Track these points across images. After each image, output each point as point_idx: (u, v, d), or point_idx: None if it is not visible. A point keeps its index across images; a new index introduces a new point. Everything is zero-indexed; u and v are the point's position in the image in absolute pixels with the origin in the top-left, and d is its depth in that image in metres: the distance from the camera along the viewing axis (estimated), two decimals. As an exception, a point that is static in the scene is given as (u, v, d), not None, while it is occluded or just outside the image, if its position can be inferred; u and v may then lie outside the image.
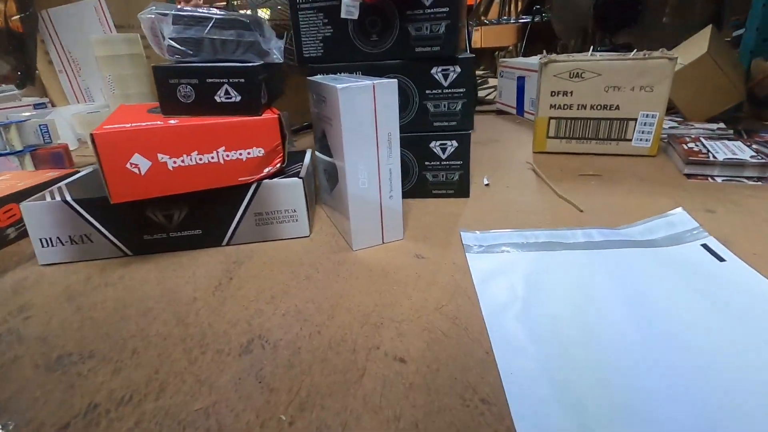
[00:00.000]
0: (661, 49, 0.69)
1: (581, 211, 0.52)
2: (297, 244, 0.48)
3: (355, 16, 0.49)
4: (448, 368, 0.28)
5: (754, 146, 0.63)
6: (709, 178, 0.60)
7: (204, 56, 0.43)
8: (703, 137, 0.71)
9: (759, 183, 0.57)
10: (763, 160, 0.57)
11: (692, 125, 0.85)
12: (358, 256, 0.44)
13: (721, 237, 0.43)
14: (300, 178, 0.47)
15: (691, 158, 0.61)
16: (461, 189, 0.58)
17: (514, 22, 2.39)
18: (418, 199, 0.59)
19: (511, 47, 2.42)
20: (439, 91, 0.54)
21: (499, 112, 1.18)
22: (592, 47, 0.87)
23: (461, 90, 0.53)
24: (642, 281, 0.36)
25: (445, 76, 0.53)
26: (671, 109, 0.96)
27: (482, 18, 2.33)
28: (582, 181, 0.63)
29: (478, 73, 1.47)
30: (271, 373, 0.29)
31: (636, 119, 0.70)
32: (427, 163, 0.57)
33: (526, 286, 0.37)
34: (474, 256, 0.42)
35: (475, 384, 0.27)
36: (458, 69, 0.52)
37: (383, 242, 0.46)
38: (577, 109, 0.73)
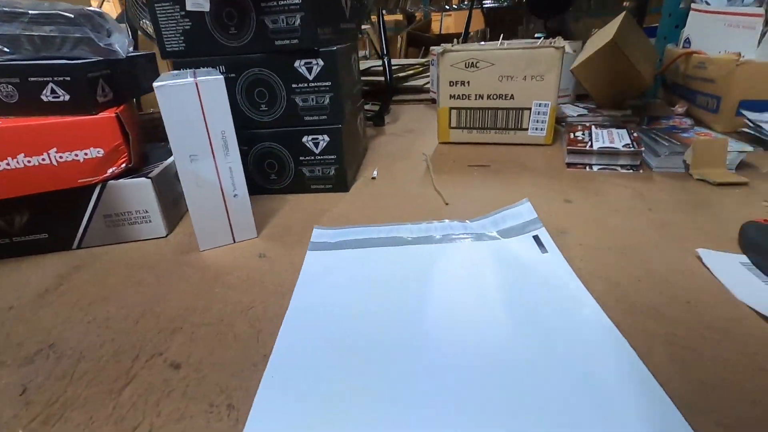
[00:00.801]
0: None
1: (447, 203, 0.52)
2: (151, 245, 0.47)
3: (206, 8, 0.48)
4: (217, 374, 0.28)
5: (635, 134, 0.64)
6: (587, 167, 0.61)
7: (25, 54, 0.41)
8: (596, 125, 0.72)
9: (630, 171, 0.59)
10: (634, 149, 0.58)
11: (600, 113, 0.86)
12: (203, 256, 0.43)
13: (561, 227, 0.44)
14: (149, 178, 0.46)
15: (570, 147, 0.62)
16: (339, 183, 0.58)
17: (477, 7, 2.38)
18: (297, 194, 0.58)
19: (471, 33, 2.41)
20: (305, 84, 0.53)
21: (433, 101, 1.18)
22: (501, 35, 0.87)
23: (327, 84, 0.52)
24: (458, 275, 0.37)
25: (309, 70, 0.52)
26: (586, 97, 0.98)
27: (444, 3, 2.31)
28: (467, 172, 0.63)
29: (419, 61, 1.45)
30: (39, 385, 0.28)
31: (530, 108, 0.71)
32: (301, 158, 0.56)
33: (343, 285, 0.37)
34: (313, 254, 0.42)
35: (232, 389, 0.27)
36: (321, 62, 0.51)
37: (234, 241, 0.46)
38: (475, 99, 0.73)
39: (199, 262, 0.42)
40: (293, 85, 0.53)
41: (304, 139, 0.55)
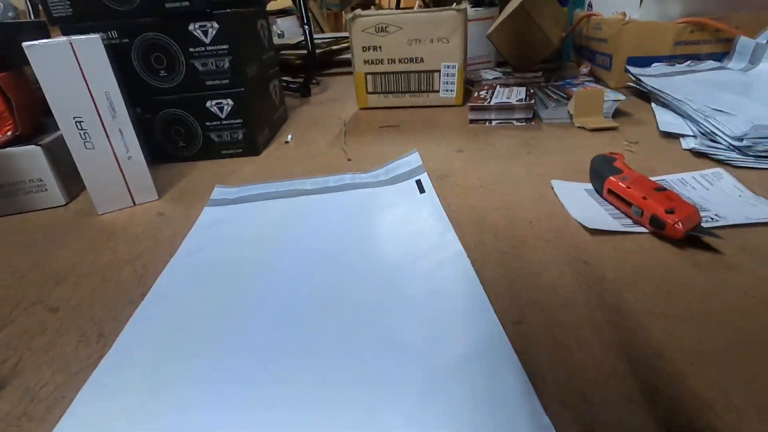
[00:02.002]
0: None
1: (349, 159, 0.55)
2: (49, 213, 0.47)
3: (87, -29, 0.47)
4: (93, 311, 0.30)
5: (531, 90, 0.69)
6: (487, 122, 0.65)
7: None
8: (501, 85, 0.76)
9: (524, 123, 0.64)
10: (526, 103, 0.63)
11: (514, 75, 0.91)
12: (101, 219, 0.44)
13: (446, 172, 0.48)
14: (39, 145, 0.45)
15: (471, 104, 0.66)
16: (249, 147, 0.59)
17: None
18: (208, 160, 0.59)
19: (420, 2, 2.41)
20: (203, 48, 0.53)
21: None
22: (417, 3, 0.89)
23: (224, 47, 0.53)
24: (341, 219, 0.40)
25: (205, 33, 0.52)
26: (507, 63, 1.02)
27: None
28: (377, 132, 0.66)
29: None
30: None
31: (439, 71, 0.74)
32: (208, 123, 0.57)
33: (229, 233, 0.39)
34: (210, 209, 0.44)
35: (104, 322, 0.29)
36: (216, 25, 0.52)
37: (134, 204, 0.47)
38: (388, 63, 0.75)
39: (96, 224, 0.43)
40: (190, 50, 0.53)
41: (208, 104, 0.56)
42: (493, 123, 0.65)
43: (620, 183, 0.36)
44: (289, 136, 0.66)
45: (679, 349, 0.23)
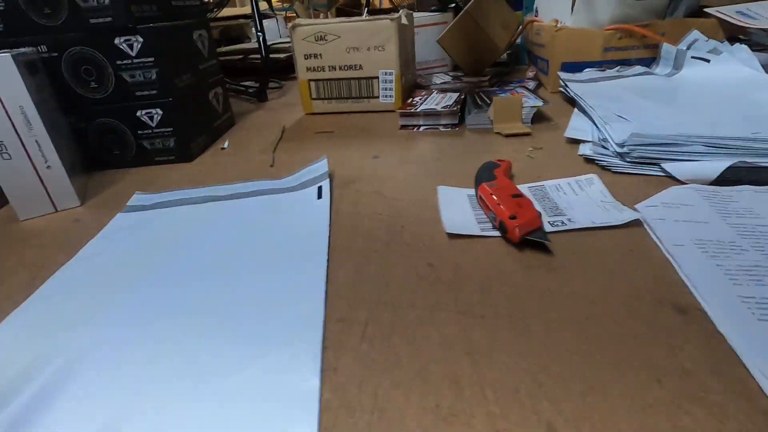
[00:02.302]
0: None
1: (271, 166, 0.58)
2: (-22, 219, 0.50)
3: (11, -10, 0.50)
4: (-20, 311, 0.33)
5: (462, 96, 0.72)
6: (415, 128, 0.68)
7: None
8: (438, 90, 0.79)
9: (449, 129, 0.66)
10: (450, 109, 0.66)
11: (461, 80, 0.94)
12: (21, 224, 0.47)
13: (353, 178, 0.51)
14: (-35, 155, 0.48)
15: (401, 111, 0.68)
16: (182, 154, 0.62)
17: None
18: (143, 167, 0.62)
19: (406, 3, 2.43)
20: (130, 61, 0.56)
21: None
22: (365, 7, 0.92)
23: (150, 59, 0.56)
24: (242, 223, 0.42)
25: (130, 46, 0.55)
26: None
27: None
28: (313, 138, 0.68)
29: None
30: None
31: (378, 77, 0.77)
32: (140, 131, 0.60)
33: (131, 238, 0.42)
34: (123, 215, 0.46)
35: (-15, 321, 0.32)
36: (140, 39, 0.55)
37: (56, 210, 0.49)
38: (329, 70, 0.78)
39: (15, 229, 0.46)
40: (118, 62, 0.56)
41: (139, 113, 0.59)
42: (421, 129, 0.67)
43: (488, 189, 0.39)
44: (226, 143, 0.69)
45: (471, 341, 0.25)
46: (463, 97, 0.72)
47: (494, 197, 0.37)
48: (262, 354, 0.26)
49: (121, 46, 0.55)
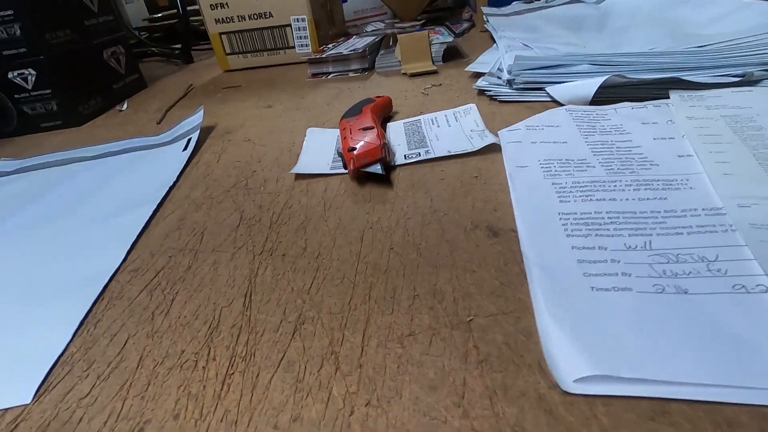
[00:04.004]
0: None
1: (158, 123, 0.54)
2: None
3: None
4: None
5: (378, 39, 0.67)
6: (324, 76, 0.64)
7: None
8: (358, 36, 0.74)
9: (358, 74, 0.62)
10: (359, 53, 0.61)
11: (394, 26, 0.88)
12: None
13: (232, 128, 0.47)
14: None
15: (309, 58, 0.64)
16: (69, 117, 0.57)
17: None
18: (30, 135, 0.58)
19: None
20: (-13, 16, 0.51)
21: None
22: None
23: (9, 12, 0.51)
24: (105, 184, 0.39)
25: (-16, -1, 0.50)
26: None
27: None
28: (217, 94, 0.64)
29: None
30: None
31: (290, 25, 0.72)
32: (16, 96, 0.55)
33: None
34: (-21, 182, 0.43)
35: None
36: (-7, -10, 0.50)
37: None
38: (238, 20, 0.72)
39: None
40: (-26, 19, 0.51)
41: (10, 75, 0.54)
42: (331, 76, 0.63)
43: (344, 124, 0.36)
44: (125, 105, 0.64)
45: (256, 282, 0.23)
46: (378, 40, 0.67)
47: (345, 131, 0.34)
48: (23, 311, 0.24)
49: (-27, 0, 0.50)
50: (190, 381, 0.18)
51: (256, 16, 0.72)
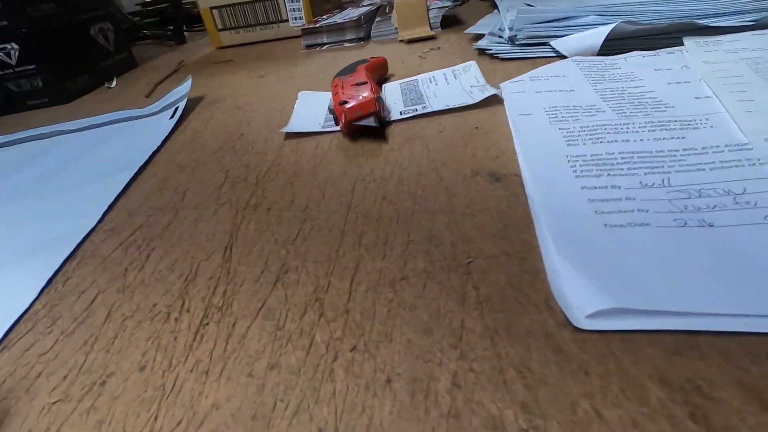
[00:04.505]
0: None
1: (147, 96, 0.52)
2: None
3: None
4: None
5: (373, 8, 0.64)
6: (319, 47, 0.61)
7: None
8: (353, 7, 0.71)
9: (354, 44, 0.59)
10: (355, 21, 0.59)
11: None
12: None
13: (222, 97, 0.45)
14: None
15: (303, 28, 0.61)
16: (56, 95, 0.56)
17: None
18: (17, 114, 0.56)
19: None
20: (-35, -13, 0.49)
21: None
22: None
23: (-12, -17, 0.49)
24: (76, 154, 0.37)
25: (-39, -31, 0.48)
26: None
27: None
28: (209, 69, 0.62)
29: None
30: None
31: (283, -3, 0.69)
32: (0, 72, 0.54)
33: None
34: (-40, 157, 0.42)
35: None
36: (-31, -41, 0.47)
37: None
38: (230, -6, 0.70)
39: None
40: (-48, -10, 0.49)
41: (-7, 50, 0.52)
42: (326, 47, 0.61)
43: (336, 81, 0.34)
44: (114, 82, 0.62)
45: (237, 236, 0.21)
46: (374, 9, 0.64)
47: (337, 87, 0.32)
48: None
49: (-51, -30, 0.48)
50: (160, 333, 0.16)
51: (247, -11, 0.69)
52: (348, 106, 0.29)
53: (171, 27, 0.90)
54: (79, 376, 0.15)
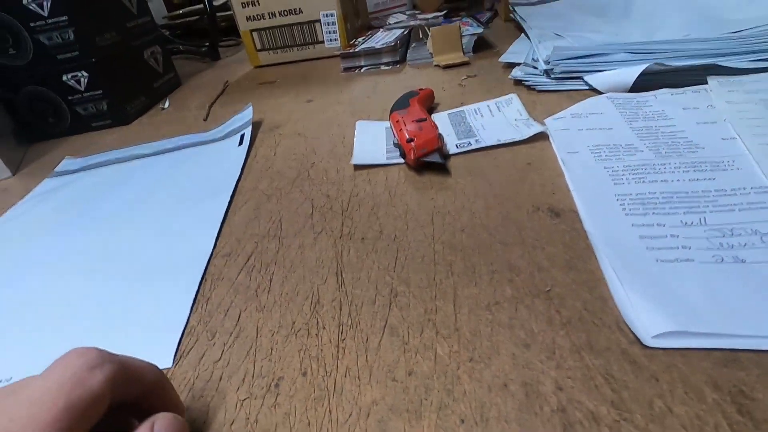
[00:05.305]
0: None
1: (204, 120, 0.57)
2: None
3: None
4: None
5: (406, 32, 0.68)
6: (357, 70, 0.66)
7: None
8: (384, 29, 0.75)
9: (390, 67, 0.64)
10: (391, 46, 0.63)
11: (416, 17, 0.89)
12: (-46, 199, 0.47)
13: (279, 123, 0.49)
14: None
15: (341, 52, 0.66)
16: (117, 117, 0.61)
17: None
18: (81, 134, 0.61)
19: None
20: (43, 22, 0.54)
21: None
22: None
23: (64, 18, 0.53)
24: (163, 178, 0.42)
25: (40, 5, 0.53)
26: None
27: None
28: (254, 90, 0.66)
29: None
30: None
31: (319, 20, 0.74)
32: (70, 97, 0.59)
33: (51, 202, 0.42)
34: (48, 180, 0.46)
35: None
36: (49, -3, 0.52)
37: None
38: (269, 17, 0.74)
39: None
40: (32, 24, 0.54)
41: (65, 77, 0.57)
42: (363, 70, 0.65)
43: (396, 117, 0.38)
44: (167, 103, 0.67)
45: (343, 262, 0.25)
46: (407, 33, 0.69)
47: (400, 124, 0.36)
48: (144, 287, 0.27)
49: (30, 6, 0.53)
50: (307, 346, 0.20)
51: (285, 13, 0.74)
52: (415, 143, 0.33)
53: (207, 43, 0.95)
54: (255, 379, 0.19)
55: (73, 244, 0.34)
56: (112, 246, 0.32)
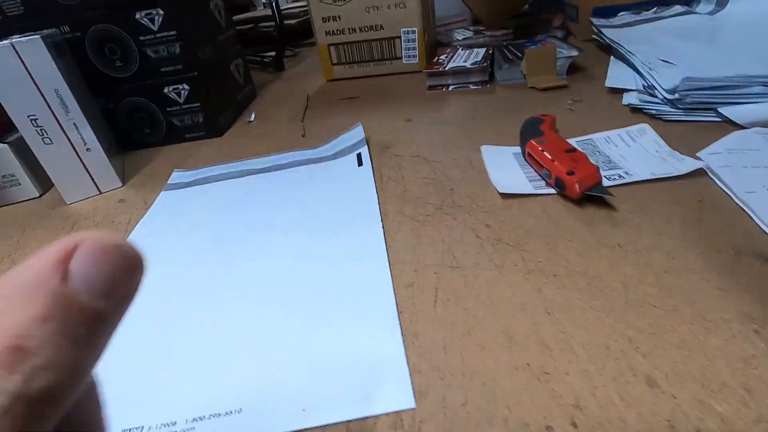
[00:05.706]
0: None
1: (303, 135, 0.57)
2: (24, 205, 0.50)
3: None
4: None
5: (490, 51, 0.69)
6: (444, 88, 0.66)
7: None
8: (462, 47, 0.76)
9: (479, 86, 0.64)
10: (480, 65, 0.63)
11: (484, 33, 0.90)
12: (69, 208, 0.48)
13: (389, 143, 0.49)
14: (6, 143, 0.48)
15: (428, 71, 0.66)
16: (211, 129, 0.61)
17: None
18: (174, 144, 0.62)
19: None
20: (152, 36, 0.54)
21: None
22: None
23: (173, 33, 0.54)
24: (284, 197, 0.42)
25: (152, 20, 0.54)
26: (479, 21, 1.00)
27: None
28: (338, 105, 0.67)
29: None
30: None
31: (400, 37, 0.74)
32: (168, 109, 0.59)
33: (181, 216, 0.42)
34: (166, 194, 0.47)
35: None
36: (161, 11, 0.53)
37: (100, 192, 0.50)
38: (349, 33, 0.75)
39: (64, 213, 0.47)
40: (141, 38, 0.54)
41: (166, 89, 0.58)
42: (450, 88, 0.65)
43: (538, 146, 0.38)
44: (252, 115, 0.68)
45: (547, 300, 0.25)
46: (491, 52, 0.69)
47: (546, 154, 0.36)
48: (340, 321, 0.27)
49: (142, 21, 0.53)
50: (559, 393, 0.20)
51: (366, 29, 0.74)
52: (578, 177, 0.33)
53: (272, 53, 0.96)
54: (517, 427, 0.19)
55: (234, 269, 0.33)
56: (279, 275, 0.32)
